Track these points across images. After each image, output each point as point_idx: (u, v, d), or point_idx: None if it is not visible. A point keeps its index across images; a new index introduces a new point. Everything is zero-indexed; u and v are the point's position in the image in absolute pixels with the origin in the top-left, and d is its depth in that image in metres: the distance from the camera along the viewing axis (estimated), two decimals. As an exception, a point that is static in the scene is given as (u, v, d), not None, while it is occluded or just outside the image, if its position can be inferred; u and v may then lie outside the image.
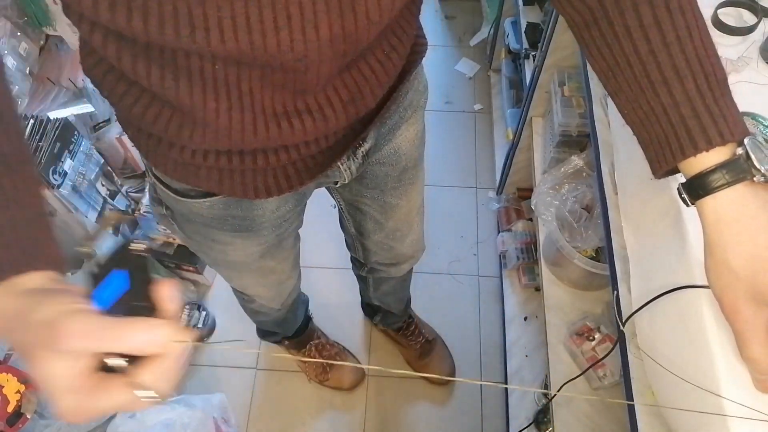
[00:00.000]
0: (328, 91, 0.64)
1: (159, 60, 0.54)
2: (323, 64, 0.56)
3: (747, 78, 0.82)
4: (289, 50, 0.51)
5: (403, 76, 0.80)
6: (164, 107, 0.61)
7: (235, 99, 0.58)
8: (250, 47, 0.50)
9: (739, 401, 0.61)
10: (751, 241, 0.53)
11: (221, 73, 0.56)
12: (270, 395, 1.82)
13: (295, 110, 0.63)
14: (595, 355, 1.37)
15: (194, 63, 0.54)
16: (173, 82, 0.56)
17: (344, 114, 0.66)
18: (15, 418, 1.32)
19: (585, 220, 1.40)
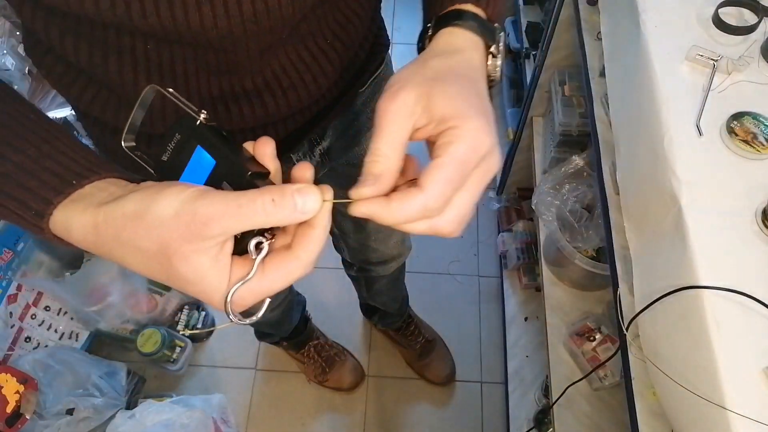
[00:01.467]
0: (266, 75, 0.63)
1: (88, 36, 0.54)
2: (251, 41, 0.55)
3: (748, 78, 0.82)
4: (213, 26, 0.51)
5: (363, 74, 0.79)
6: (101, 89, 0.61)
7: (168, 81, 0.58)
8: (173, 22, 0.49)
9: (740, 402, 0.60)
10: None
11: (153, 54, 0.55)
12: (269, 396, 1.81)
13: (232, 94, 0.62)
14: (595, 355, 1.36)
15: (125, 41, 0.54)
16: (102, 59, 0.55)
17: (285, 101, 0.66)
18: (14, 419, 1.32)
19: (586, 220, 1.40)
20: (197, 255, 0.38)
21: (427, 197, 0.42)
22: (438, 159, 0.43)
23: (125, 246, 0.40)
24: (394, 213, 0.42)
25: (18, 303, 1.58)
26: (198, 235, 0.37)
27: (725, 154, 0.76)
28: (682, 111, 0.79)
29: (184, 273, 0.38)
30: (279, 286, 0.41)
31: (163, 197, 0.38)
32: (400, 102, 0.45)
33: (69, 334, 1.70)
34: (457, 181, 0.43)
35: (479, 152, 0.44)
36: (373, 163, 0.44)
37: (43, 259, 1.65)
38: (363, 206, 0.43)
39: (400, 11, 2.68)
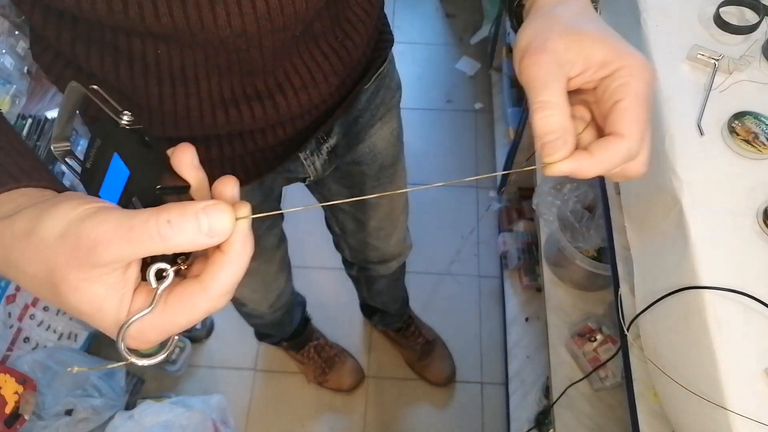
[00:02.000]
0: (278, 75, 0.62)
1: (99, 42, 0.53)
2: (264, 39, 0.55)
3: (749, 77, 0.82)
4: (227, 25, 0.50)
5: (369, 71, 0.79)
6: (110, 93, 0.60)
7: (179, 84, 0.57)
8: (186, 23, 0.49)
9: (741, 402, 0.60)
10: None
11: (164, 57, 0.54)
12: (269, 397, 1.81)
13: (244, 95, 0.62)
14: (596, 356, 1.36)
15: (135, 45, 0.53)
16: (113, 65, 0.55)
17: (296, 101, 0.65)
18: (13, 419, 1.32)
19: (587, 220, 1.39)
20: (88, 284, 0.33)
21: (630, 142, 0.42)
22: (623, 102, 0.43)
23: (15, 269, 0.35)
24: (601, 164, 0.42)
25: (17, 303, 1.58)
26: (85, 262, 0.32)
27: (726, 154, 0.75)
28: (683, 110, 0.79)
29: (75, 304, 0.34)
30: (182, 321, 0.36)
31: (49, 215, 0.33)
32: (550, 53, 0.44)
33: (68, 335, 1.70)
34: (647, 118, 0.43)
35: (651, 85, 0.44)
36: (549, 116, 0.43)
37: (42, 260, 1.65)
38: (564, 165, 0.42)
39: (399, 10, 2.68)
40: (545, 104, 0.43)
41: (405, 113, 0.99)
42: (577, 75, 0.45)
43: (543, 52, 0.44)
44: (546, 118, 0.43)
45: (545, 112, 0.43)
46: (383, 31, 0.80)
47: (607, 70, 0.44)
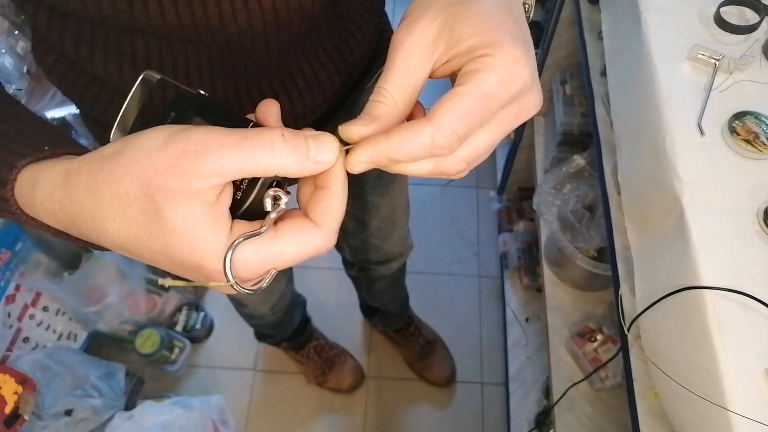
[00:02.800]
0: (282, 76, 0.62)
1: (102, 43, 0.53)
2: (270, 36, 0.54)
3: (750, 77, 0.82)
4: (232, 21, 0.49)
5: (371, 70, 0.79)
6: (114, 95, 0.60)
7: (183, 86, 0.57)
8: (192, 20, 0.48)
9: (741, 403, 0.60)
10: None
11: (168, 60, 0.54)
12: (269, 397, 1.81)
13: (249, 97, 0.61)
14: (596, 356, 1.36)
15: (139, 47, 0.53)
16: (116, 67, 0.54)
17: (300, 101, 0.65)
18: (12, 419, 1.32)
19: (587, 220, 1.39)
20: (187, 197, 0.31)
21: (435, 130, 0.35)
22: (458, 87, 0.35)
23: (99, 193, 0.33)
24: (397, 150, 0.35)
25: (16, 303, 1.58)
26: (190, 169, 0.31)
27: (727, 154, 0.75)
28: (684, 110, 0.78)
29: (169, 219, 0.32)
30: (292, 253, 0.34)
31: (150, 130, 0.33)
32: (418, 35, 0.37)
33: (67, 335, 1.70)
34: (478, 116, 0.35)
35: (511, 87, 0.35)
36: (375, 104, 0.38)
37: (42, 260, 1.65)
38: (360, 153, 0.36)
39: (399, 10, 2.68)
40: (381, 92, 0.38)
41: (405, 113, 0.99)
42: (445, 63, 0.38)
43: (409, 33, 0.38)
44: (373, 104, 0.38)
45: (377, 98, 0.38)
46: (384, 30, 0.80)
47: (469, 57, 0.36)
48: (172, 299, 1.84)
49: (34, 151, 0.38)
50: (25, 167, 0.37)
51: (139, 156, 0.32)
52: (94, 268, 1.60)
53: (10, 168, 0.37)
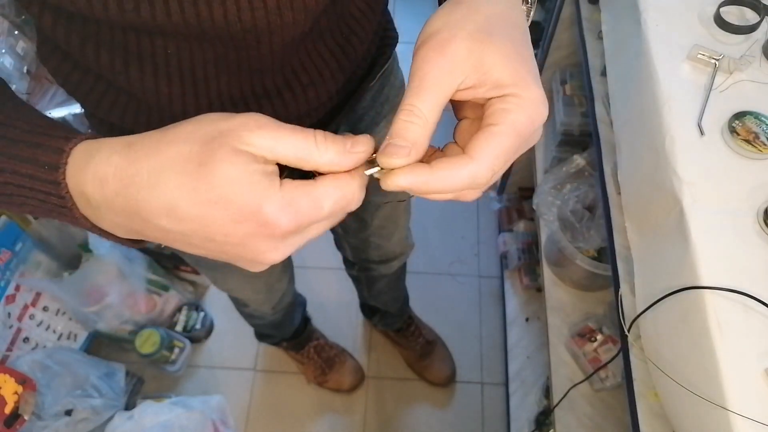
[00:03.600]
0: (287, 73, 0.62)
1: (108, 43, 0.53)
2: (274, 34, 0.54)
3: (750, 77, 0.82)
4: (237, 20, 0.50)
5: (374, 68, 0.79)
6: (120, 95, 0.60)
7: (188, 85, 0.57)
8: (197, 19, 0.48)
9: (741, 403, 0.60)
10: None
11: (174, 58, 0.54)
12: (269, 397, 1.81)
13: (253, 94, 0.62)
14: (597, 356, 1.36)
15: (145, 46, 0.53)
16: (123, 66, 0.55)
17: (304, 97, 0.65)
18: (12, 420, 1.32)
19: (587, 220, 1.39)
20: (244, 154, 0.35)
21: (478, 168, 0.38)
22: (494, 127, 0.39)
23: (161, 155, 0.36)
24: (439, 184, 0.39)
25: (16, 303, 1.58)
26: (248, 138, 0.35)
27: (727, 154, 0.75)
28: (684, 110, 0.78)
29: (228, 168, 0.35)
30: (335, 195, 0.38)
31: (210, 114, 0.38)
32: (449, 55, 0.39)
33: (67, 335, 1.70)
34: (512, 153, 0.39)
35: (536, 124, 0.40)
36: (408, 124, 0.39)
37: (42, 260, 1.65)
38: (400, 177, 0.39)
39: (400, 10, 2.68)
40: (413, 110, 0.39)
41: (405, 113, 0.99)
42: (468, 88, 0.40)
43: (441, 53, 0.39)
44: (406, 124, 0.39)
45: (409, 118, 0.39)
46: (387, 29, 0.80)
47: (498, 92, 0.40)
48: (172, 299, 1.84)
49: (76, 133, 0.40)
50: (74, 149, 0.39)
51: (202, 124, 0.36)
52: (94, 268, 1.60)
53: (59, 153, 0.39)
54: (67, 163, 0.39)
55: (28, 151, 0.40)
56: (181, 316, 1.84)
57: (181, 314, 1.85)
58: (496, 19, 0.42)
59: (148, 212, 0.37)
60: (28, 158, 0.40)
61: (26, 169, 0.40)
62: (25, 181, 0.40)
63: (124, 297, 1.67)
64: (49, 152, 0.39)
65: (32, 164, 0.39)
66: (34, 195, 0.41)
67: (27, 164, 0.40)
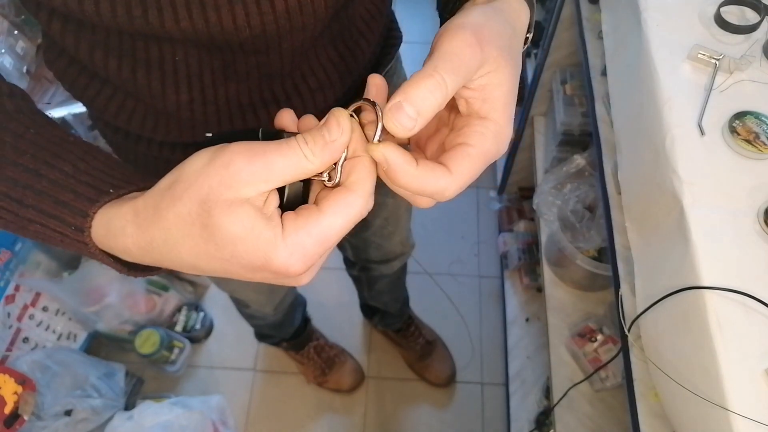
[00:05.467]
0: (296, 78, 0.62)
1: (117, 49, 0.53)
2: (283, 40, 0.54)
3: (750, 77, 0.82)
4: (246, 26, 0.50)
5: (378, 68, 0.78)
6: (127, 98, 0.60)
7: (197, 91, 0.57)
8: (205, 25, 0.48)
9: (742, 403, 0.60)
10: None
11: (182, 65, 0.54)
12: (269, 397, 1.81)
13: (262, 100, 0.61)
14: (597, 356, 1.36)
15: (153, 53, 0.53)
16: (131, 73, 0.55)
17: (312, 103, 0.65)
18: (12, 420, 1.32)
19: (587, 220, 1.39)
20: (240, 204, 0.35)
21: (453, 184, 0.41)
22: (471, 148, 0.41)
23: (165, 219, 0.37)
24: (414, 181, 0.40)
25: (16, 303, 1.58)
26: (238, 179, 0.35)
27: (727, 154, 0.75)
28: (684, 110, 0.78)
29: (229, 228, 0.35)
30: (339, 223, 0.38)
31: (194, 156, 0.37)
32: (485, 51, 0.40)
33: (67, 335, 1.70)
34: (476, 176, 0.42)
35: (499, 154, 0.43)
36: (429, 94, 0.38)
37: (41, 260, 1.65)
38: (390, 153, 0.39)
39: (399, 10, 2.68)
40: (440, 82, 0.38)
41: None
42: (472, 89, 0.41)
43: (481, 46, 0.40)
44: (426, 93, 0.38)
45: (433, 87, 0.38)
46: (392, 28, 0.80)
47: (482, 110, 0.42)
48: (171, 299, 1.84)
49: (100, 194, 0.41)
50: (96, 213, 0.41)
51: (190, 179, 0.36)
52: (93, 268, 1.60)
53: (84, 215, 0.40)
54: (91, 227, 0.41)
55: (55, 209, 0.41)
56: (180, 316, 1.84)
57: (181, 314, 1.85)
58: (514, 51, 0.44)
59: (174, 266, 0.40)
60: (56, 216, 0.41)
61: (54, 225, 0.41)
62: (56, 235, 0.42)
63: (124, 297, 1.67)
64: (75, 214, 0.41)
65: (59, 221, 0.41)
66: (66, 245, 0.43)
67: (55, 221, 0.41)
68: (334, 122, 0.38)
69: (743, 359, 0.62)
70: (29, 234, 0.44)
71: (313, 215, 0.37)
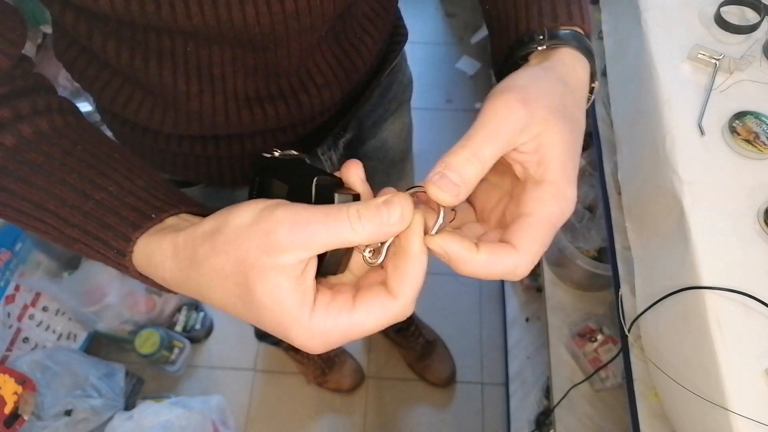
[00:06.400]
0: (302, 75, 0.63)
1: (130, 40, 0.54)
2: (292, 39, 0.55)
3: (750, 77, 0.82)
4: (255, 24, 0.51)
5: (384, 65, 0.79)
6: (135, 90, 0.61)
7: (206, 83, 0.58)
8: (216, 22, 0.49)
9: (742, 403, 0.60)
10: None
11: (193, 56, 0.55)
12: (268, 397, 1.81)
13: (268, 95, 0.62)
14: (597, 356, 1.36)
15: (165, 44, 0.54)
16: (143, 63, 0.56)
17: (319, 99, 0.66)
18: (12, 420, 1.32)
19: (587, 220, 1.39)
20: (275, 273, 0.34)
21: (521, 259, 0.38)
22: (533, 218, 0.39)
23: (201, 266, 0.37)
24: (478, 267, 0.38)
25: (16, 303, 1.58)
26: (278, 245, 0.34)
27: (727, 154, 0.75)
28: (684, 110, 0.78)
29: (259, 295, 0.35)
30: (371, 324, 0.37)
31: (241, 208, 0.36)
32: (530, 113, 0.39)
33: (67, 335, 1.70)
34: (546, 244, 0.40)
35: (563, 219, 0.41)
36: (470, 164, 0.37)
37: (41, 260, 1.65)
38: (448, 243, 0.37)
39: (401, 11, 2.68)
40: (478, 153, 0.38)
41: (406, 113, 0.99)
42: (524, 152, 0.40)
43: (525, 105, 0.39)
44: (467, 163, 0.37)
45: (474, 159, 0.37)
46: (398, 25, 0.81)
47: (538, 173, 0.40)
48: (171, 299, 1.84)
49: (144, 219, 0.42)
50: (138, 239, 0.41)
51: (231, 235, 0.35)
52: (93, 268, 1.60)
53: (127, 240, 0.41)
54: (132, 252, 0.41)
55: (100, 231, 0.42)
56: (180, 316, 1.84)
57: (181, 314, 1.85)
58: (570, 108, 0.43)
59: (207, 303, 0.40)
60: (100, 238, 0.42)
61: (98, 247, 0.42)
62: (99, 255, 0.43)
63: (124, 297, 1.67)
64: (119, 238, 0.41)
65: (103, 244, 0.42)
66: (108, 264, 0.44)
67: (99, 243, 0.42)
68: (397, 208, 0.36)
69: (743, 359, 0.62)
70: (71, 250, 0.45)
71: (345, 308, 0.36)
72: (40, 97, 0.48)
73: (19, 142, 0.45)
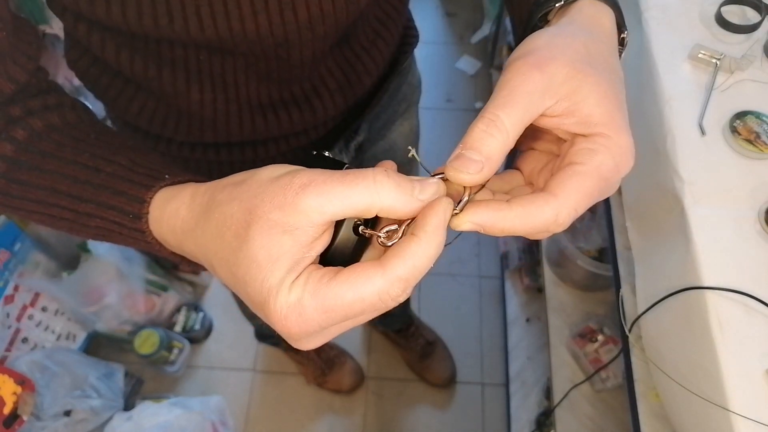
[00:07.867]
0: (314, 80, 0.63)
1: (143, 50, 0.54)
2: (305, 47, 0.55)
3: (751, 76, 0.81)
4: (269, 34, 0.51)
5: (394, 67, 0.79)
6: (149, 99, 0.61)
7: (219, 90, 0.58)
8: (230, 34, 0.49)
9: (742, 403, 0.60)
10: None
11: (205, 65, 0.55)
12: (268, 398, 1.81)
13: (281, 101, 0.63)
14: (597, 357, 1.35)
15: (178, 53, 0.54)
16: (156, 72, 0.56)
17: (332, 104, 0.66)
18: (11, 420, 1.32)
19: (588, 220, 1.39)
20: (281, 231, 0.32)
21: (562, 207, 0.35)
22: (579, 166, 0.36)
23: (213, 213, 0.35)
24: (517, 222, 0.35)
25: (15, 304, 1.57)
26: (292, 201, 0.31)
27: (728, 154, 0.75)
28: (685, 110, 0.78)
29: (256, 248, 0.32)
30: (349, 297, 0.32)
31: (271, 166, 0.35)
32: (547, 74, 0.36)
33: (66, 335, 1.69)
34: (595, 197, 0.36)
35: (621, 173, 0.37)
36: (487, 135, 0.35)
37: (40, 260, 1.64)
38: (476, 214, 0.35)
39: (400, 11, 2.68)
40: (495, 121, 0.35)
41: (405, 112, 0.99)
42: (554, 116, 0.37)
43: (539, 69, 0.36)
44: (484, 135, 0.35)
45: (489, 128, 0.35)
46: (408, 26, 0.81)
47: (586, 129, 0.37)
48: (171, 299, 1.84)
49: (156, 180, 0.41)
50: (153, 198, 0.40)
51: (253, 185, 0.34)
52: (93, 268, 1.60)
53: (141, 201, 0.40)
54: (148, 213, 0.40)
55: (113, 199, 0.41)
56: (180, 317, 1.84)
57: (180, 314, 1.85)
58: (597, 56, 0.39)
59: (200, 262, 0.38)
60: (114, 206, 0.41)
61: (113, 217, 0.42)
62: (115, 226, 0.42)
63: (123, 297, 1.66)
64: (133, 201, 0.41)
65: (118, 212, 0.41)
66: (124, 238, 0.43)
67: (114, 211, 0.42)
68: (433, 186, 0.34)
69: (744, 359, 0.62)
70: (90, 232, 0.44)
71: (326, 278, 0.32)
72: (51, 96, 0.49)
73: (30, 136, 0.46)
